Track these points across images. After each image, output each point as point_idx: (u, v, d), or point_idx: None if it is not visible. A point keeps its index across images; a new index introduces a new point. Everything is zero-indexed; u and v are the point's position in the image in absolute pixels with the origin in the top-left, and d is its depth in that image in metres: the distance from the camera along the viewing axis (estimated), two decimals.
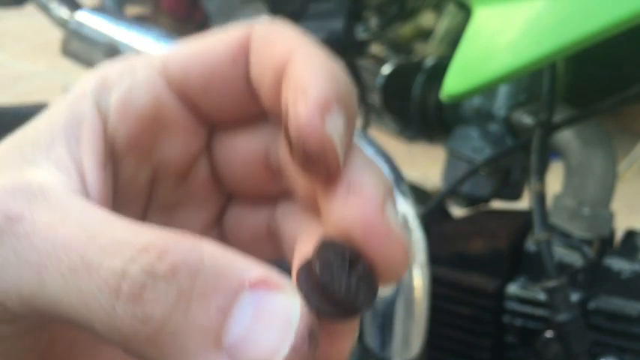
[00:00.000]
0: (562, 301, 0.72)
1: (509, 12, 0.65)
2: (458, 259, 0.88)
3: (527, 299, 0.83)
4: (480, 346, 0.86)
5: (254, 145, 0.32)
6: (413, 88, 0.96)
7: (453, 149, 0.91)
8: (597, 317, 0.79)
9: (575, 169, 0.83)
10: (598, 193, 0.82)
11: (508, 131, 0.89)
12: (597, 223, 0.83)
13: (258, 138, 0.32)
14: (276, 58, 0.30)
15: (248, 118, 0.32)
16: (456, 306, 0.87)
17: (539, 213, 0.74)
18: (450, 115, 0.94)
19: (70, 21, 0.93)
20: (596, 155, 0.82)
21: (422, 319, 0.71)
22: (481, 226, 0.89)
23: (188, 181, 0.33)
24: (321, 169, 0.27)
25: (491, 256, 0.86)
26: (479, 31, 0.67)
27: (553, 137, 0.82)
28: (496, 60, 0.65)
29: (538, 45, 0.62)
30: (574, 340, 0.72)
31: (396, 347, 0.72)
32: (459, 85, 0.68)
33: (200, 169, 0.33)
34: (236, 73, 0.30)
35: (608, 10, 0.57)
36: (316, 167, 0.27)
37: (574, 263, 0.82)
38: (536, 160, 0.76)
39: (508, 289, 0.84)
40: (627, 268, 0.81)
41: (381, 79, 1.04)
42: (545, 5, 0.62)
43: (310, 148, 0.26)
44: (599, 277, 0.82)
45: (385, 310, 0.71)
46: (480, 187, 0.91)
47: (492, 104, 0.90)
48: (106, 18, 0.90)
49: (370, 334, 0.73)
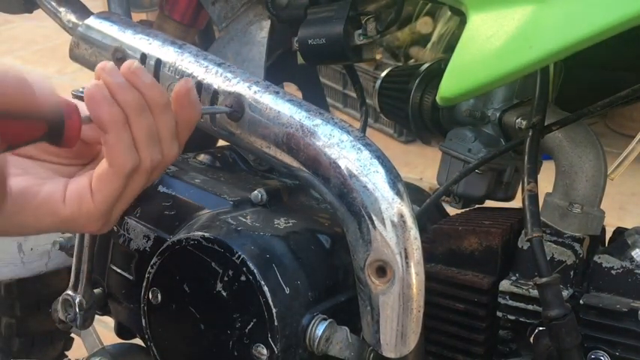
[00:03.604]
0: (554, 297, 0.73)
1: (503, 17, 0.66)
2: (453, 257, 0.89)
3: (520, 295, 0.83)
4: (474, 340, 0.87)
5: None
6: (409, 91, 0.97)
7: (448, 150, 0.92)
8: (588, 313, 0.80)
9: (566, 169, 0.84)
10: (588, 193, 0.83)
11: (501, 133, 0.90)
12: (588, 221, 0.84)
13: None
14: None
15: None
16: (450, 302, 0.87)
17: (531, 212, 0.74)
18: (446, 117, 0.95)
19: (79, 26, 0.94)
20: (587, 156, 0.83)
21: (418, 315, 0.72)
22: (475, 224, 0.88)
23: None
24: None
25: (485, 253, 0.86)
26: (473, 36, 0.68)
27: (544, 138, 0.83)
28: (490, 64, 0.67)
29: (531, 49, 0.63)
30: (566, 335, 0.73)
31: (393, 342, 0.73)
32: (454, 88, 0.70)
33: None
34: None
35: (599, 15, 0.58)
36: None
37: (565, 260, 0.83)
38: (528, 160, 0.77)
39: (501, 285, 0.84)
40: (617, 265, 0.81)
41: (379, 82, 1.05)
42: (537, 11, 0.64)
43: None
44: (590, 274, 0.83)
45: (382, 306, 0.72)
46: (473, 187, 0.92)
47: (486, 107, 0.91)
48: (114, 23, 0.92)
49: (367, 329, 0.75)
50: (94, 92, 0.59)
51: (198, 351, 0.80)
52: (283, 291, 0.75)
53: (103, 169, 0.62)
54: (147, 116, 0.62)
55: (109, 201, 0.63)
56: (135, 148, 0.61)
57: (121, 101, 0.60)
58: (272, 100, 0.77)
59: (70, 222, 0.64)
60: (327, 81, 3.31)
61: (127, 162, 0.61)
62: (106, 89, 0.60)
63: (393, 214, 0.69)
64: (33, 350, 1.42)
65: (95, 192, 0.63)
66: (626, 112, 2.94)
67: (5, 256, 1.28)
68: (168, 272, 0.81)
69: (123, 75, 0.61)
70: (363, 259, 0.72)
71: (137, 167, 0.62)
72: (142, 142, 0.62)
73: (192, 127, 0.67)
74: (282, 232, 0.81)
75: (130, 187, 0.63)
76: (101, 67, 0.61)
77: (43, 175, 0.65)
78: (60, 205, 0.63)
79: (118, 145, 0.60)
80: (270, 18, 0.96)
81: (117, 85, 0.60)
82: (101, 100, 0.59)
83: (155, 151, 0.63)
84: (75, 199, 0.63)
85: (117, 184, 0.62)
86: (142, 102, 0.61)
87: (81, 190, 0.63)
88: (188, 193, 0.90)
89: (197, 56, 0.84)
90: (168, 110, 0.63)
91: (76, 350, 1.52)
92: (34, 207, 0.62)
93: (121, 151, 0.61)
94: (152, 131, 0.62)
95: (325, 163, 0.72)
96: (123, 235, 0.92)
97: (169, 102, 0.63)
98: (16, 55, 4.14)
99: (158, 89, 0.62)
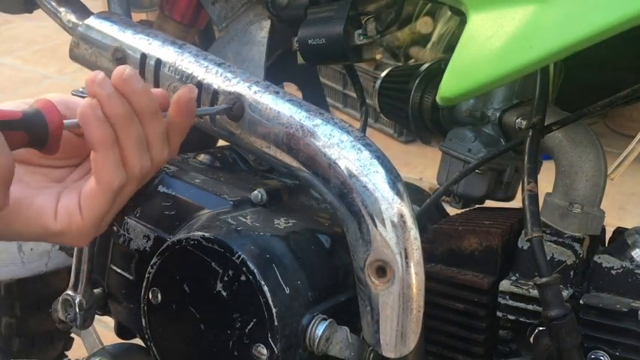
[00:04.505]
0: (554, 297, 0.73)
1: (503, 17, 0.66)
2: (453, 257, 0.89)
3: (520, 295, 0.83)
4: (474, 340, 0.87)
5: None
6: (409, 91, 0.97)
7: (448, 150, 0.92)
8: (588, 313, 0.80)
9: (566, 169, 0.84)
10: (588, 193, 0.83)
11: (501, 133, 0.90)
12: (588, 221, 0.84)
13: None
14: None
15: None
16: (450, 302, 0.87)
17: (531, 212, 0.74)
18: (446, 117, 0.95)
19: (79, 26, 0.94)
20: (587, 156, 0.83)
21: (418, 315, 0.72)
22: (475, 224, 0.88)
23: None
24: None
25: (485, 253, 0.86)
26: (473, 36, 0.68)
27: (544, 138, 0.83)
28: (490, 64, 0.67)
29: (531, 49, 0.63)
30: (566, 335, 0.73)
31: (393, 342, 0.73)
32: (454, 88, 0.70)
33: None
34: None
35: (599, 15, 0.58)
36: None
37: (565, 260, 0.83)
38: (528, 160, 0.77)
39: (501, 285, 0.84)
40: (617, 265, 0.81)
41: (379, 82, 1.05)
42: (537, 11, 0.64)
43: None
44: (590, 274, 0.83)
45: (382, 306, 0.72)
46: (473, 187, 0.92)
47: (486, 107, 0.91)
48: (114, 23, 0.92)
49: (367, 329, 0.75)
50: (85, 112, 0.61)
51: (198, 351, 0.80)
52: (283, 291, 0.75)
53: (91, 187, 0.63)
54: (136, 126, 0.62)
55: (98, 216, 0.64)
56: (123, 165, 0.63)
57: (110, 114, 0.61)
58: (272, 100, 0.77)
59: (61, 236, 0.65)
60: (327, 81, 3.31)
61: (114, 180, 0.62)
62: (98, 107, 0.61)
63: (393, 214, 0.69)
64: (33, 350, 1.42)
65: (84, 209, 0.64)
66: (626, 112, 2.94)
67: (5, 256, 1.28)
68: (168, 272, 0.81)
69: (113, 83, 0.61)
70: (363, 259, 0.72)
71: (125, 183, 0.63)
72: (131, 153, 0.63)
73: (184, 133, 0.67)
74: (282, 232, 0.81)
75: (118, 199, 0.65)
76: (92, 79, 0.61)
77: (36, 184, 0.66)
78: (51, 220, 0.64)
79: (105, 164, 0.62)
80: (270, 18, 0.96)
81: (107, 97, 0.61)
82: (93, 119, 0.61)
83: (144, 159, 0.64)
84: (65, 216, 0.64)
85: (104, 201, 0.63)
86: (131, 111, 0.62)
87: (70, 207, 0.64)
88: (188, 193, 0.90)
89: (197, 56, 0.84)
90: (157, 116, 0.64)
91: (76, 350, 1.52)
92: (25, 218, 0.64)
93: (108, 170, 0.62)
94: (141, 140, 0.63)
95: (325, 163, 0.72)
96: (123, 235, 0.92)
97: (158, 108, 0.64)
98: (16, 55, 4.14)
99: (147, 96, 0.63)
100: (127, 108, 0.62)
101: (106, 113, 0.61)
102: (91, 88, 0.61)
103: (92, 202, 0.63)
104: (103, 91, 0.61)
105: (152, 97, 0.63)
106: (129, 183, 0.64)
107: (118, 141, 0.62)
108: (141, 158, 0.63)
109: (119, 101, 0.61)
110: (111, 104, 0.61)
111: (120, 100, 0.61)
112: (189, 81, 0.82)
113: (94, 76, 0.61)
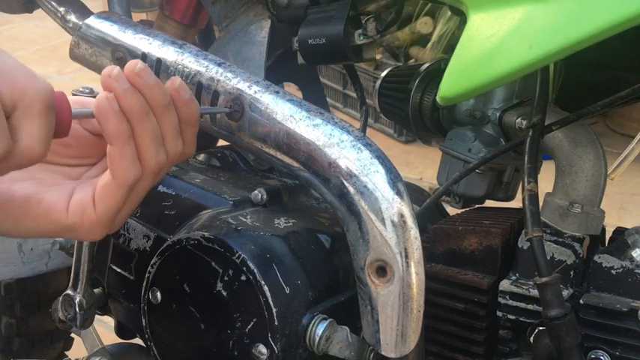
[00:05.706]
0: (554, 297, 0.73)
1: (503, 17, 0.66)
2: (453, 256, 0.89)
3: (519, 295, 0.83)
4: (474, 340, 0.87)
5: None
6: (409, 91, 0.97)
7: (448, 150, 0.92)
8: (588, 312, 0.80)
9: (566, 169, 0.84)
10: (588, 193, 0.83)
11: (501, 133, 0.90)
12: (588, 221, 0.84)
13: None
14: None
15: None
16: (450, 301, 0.87)
17: (531, 211, 0.75)
18: (446, 117, 0.95)
19: (79, 26, 0.94)
20: (587, 156, 0.83)
21: (418, 315, 0.72)
22: (475, 224, 0.88)
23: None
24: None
25: (485, 253, 0.86)
26: (473, 36, 0.68)
27: (544, 138, 0.83)
28: (490, 64, 0.67)
29: (531, 49, 0.63)
30: (565, 334, 0.73)
31: (393, 342, 0.72)
32: (454, 88, 0.70)
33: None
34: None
35: (599, 15, 0.58)
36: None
37: (565, 260, 0.83)
38: (528, 160, 0.78)
39: (501, 285, 0.84)
40: (617, 265, 0.81)
41: (379, 82, 1.05)
42: (537, 11, 0.64)
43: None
44: (590, 274, 0.83)
45: (382, 306, 0.72)
46: (473, 187, 0.92)
47: (486, 107, 0.91)
48: (114, 23, 0.91)
49: (367, 329, 0.74)
50: (102, 105, 0.60)
51: (198, 351, 0.80)
52: (283, 291, 0.75)
53: (106, 181, 0.63)
54: (151, 119, 0.62)
55: (112, 211, 0.64)
56: (138, 159, 0.62)
57: (126, 108, 0.61)
58: (272, 100, 0.77)
59: (73, 231, 0.65)
60: (327, 81, 3.31)
61: (130, 174, 0.62)
62: (115, 102, 0.61)
63: (394, 213, 0.69)
64: (33, 350, 1.42)
65: (98, 203, 0.64)
66: (626, 112, 2.94)
67: (5, 256, 1.28)
68: (168, 272, 0.81)
69: (127, 77, 0.61)
70: (363, 259, 0.72)
71: (140, 178, 0.63)
72: (147, 147, 0.63)
73: (194, 124, 0.67)
74: (282, 231, 0.81)
75: (133, 194, 0.65)
76: (108, 73, 0.61)
77: (49, 181, 0.66)
78: (63, 215, 0.64)
79: (121, 157, 0.61)
80: (270, 18, 0.96)
81: (123, 92, 0.61)
82: (110, 113, 0.60)
83: (160, 153, 0.64)
84: (78, 209, 0.64)
85: (119, 195, 0.63)
86: (146, 105, 0.62)
87: (84, 201, 0.64)
88: (188, 193, 0.90)
89: (197, 56, 0.84)
90: (170, 109, 0.64)
91: (76, 350, 1.52)
92: (35, 215, 0.63)
93: (124, 164, 0.62)
94: (156, 134, 0.63)
95: (325, 162, 0.72)
96: (123, 235, 0.92)
97: (171, 102, 0.64)
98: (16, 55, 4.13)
99: (160, 90, 0.63)
100: (143, 102, 0.62)
101: (123, 107, 0.61)
102: (107, 82, 0.61)
103: (107, 196, 0.63)
104: (119, 86, 0.61)
105: (165, 90, 0.63)
106: (144, 178, 0.64)
107: (134, 135, 0.62)
108: (157, 152, 0.63)
109: (135, 95, 0.61)
110: (127, 99, 0.61)
111: (135, 94, 0.61)
112: (189, 81, 0.82)
113: (109, 70, 0.61)
